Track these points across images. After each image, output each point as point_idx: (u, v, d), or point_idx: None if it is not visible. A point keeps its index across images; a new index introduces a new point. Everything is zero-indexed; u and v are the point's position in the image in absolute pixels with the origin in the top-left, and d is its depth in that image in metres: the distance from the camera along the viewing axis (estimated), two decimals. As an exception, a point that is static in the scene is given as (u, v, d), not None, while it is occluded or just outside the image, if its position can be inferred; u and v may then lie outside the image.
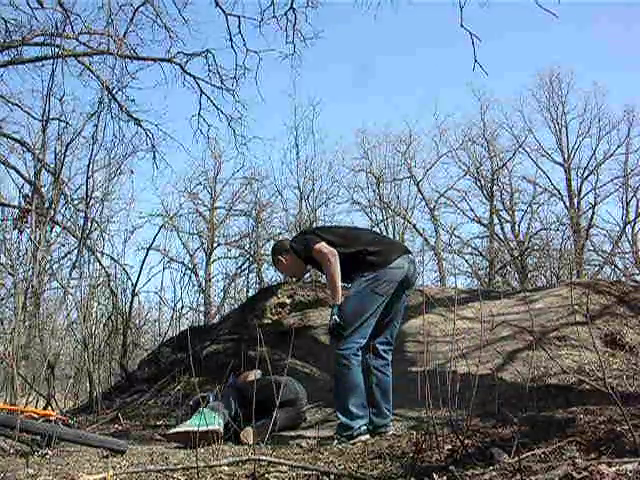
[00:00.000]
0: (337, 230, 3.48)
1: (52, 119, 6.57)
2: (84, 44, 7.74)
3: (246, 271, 16.43)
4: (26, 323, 5.81)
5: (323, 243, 3.16)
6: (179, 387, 5.16)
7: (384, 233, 16.95)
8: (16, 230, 6.73)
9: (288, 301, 6.68)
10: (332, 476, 1.90)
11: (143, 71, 8.75)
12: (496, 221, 20.30)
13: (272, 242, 17.75)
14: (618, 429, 1.91)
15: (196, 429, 2.84)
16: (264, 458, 2.06)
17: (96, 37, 7.81)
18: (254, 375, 3.77)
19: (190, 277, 14.57)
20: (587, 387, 3.65)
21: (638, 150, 19.19)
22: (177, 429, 3.29)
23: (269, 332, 5.65)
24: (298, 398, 3.68)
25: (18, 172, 7.81)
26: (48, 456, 2.65)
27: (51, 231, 6.83)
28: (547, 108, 20.76)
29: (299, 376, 4.33)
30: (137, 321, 8.47)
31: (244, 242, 17.80)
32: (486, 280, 17.82)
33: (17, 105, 8.06)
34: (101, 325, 6.51)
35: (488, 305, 5.48)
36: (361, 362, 3.08)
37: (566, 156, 20.27)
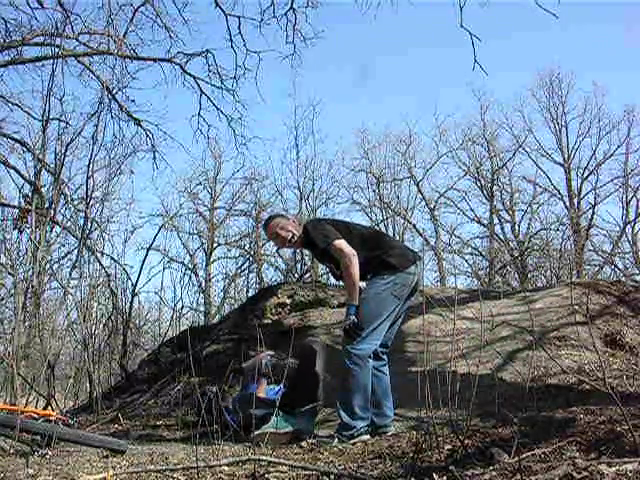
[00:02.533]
0: (355, 229, 3.36)
1: (52, 119, 6.57)
2: (84, 44, 7.74)
3: (246, 271, 16.45)
4: (26, 323, 5.81)
5: (344, 241, 3.10)
6: (179, 387, 5.16)
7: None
8: (16, 230, 6.75)
9: (288, 301, 6.67)
10: (332, 476, 1.90)
11: (143, 71, 8.74)
12: (496, 221, 20.34)
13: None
14: (618, 429, 1.91)
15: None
16: (264, 458, 2.06)
17: (96, 37, 7.82)
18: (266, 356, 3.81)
19: (190, 277, 14.58)
20: (587, 387, 3.64)
21: (638, 150, 19.22)
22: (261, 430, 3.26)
23: (269, 332, 5.64)
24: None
25: (18, 172, 7.80)
26: (48, 456, 2.64)
27: (51, 231, 6.83)
28: (547, 108, 20.81)
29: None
30: (137, 321, 8.48)
31: (244, 242, 17.84)
32: (486, 280, 17.82)
33: (17, 105, 8.06)
34: (101, 325, 6.50)
35: (488, 305, 5.48)
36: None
37: (566, 156, 20.28)
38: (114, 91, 7.78)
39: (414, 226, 19.60)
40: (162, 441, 3.67)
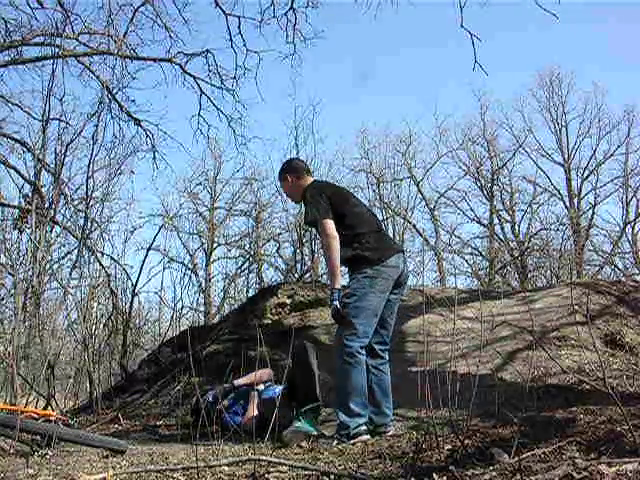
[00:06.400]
0: (351, 211, 3.29)
1: (52, 119, 6.56)
2: (84, 44, 7.72)
3: (246, 271, 16.46)
4: (26, 323, 5.80)
5: (330, 222, 3.11)
6: (179, 387, 5.15)
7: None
8: (16, 230, 6.74)
9: (288, 301, 6.67)
10: (332, 476, 1.90)
11: (143, 71, 8.67)
12: (496, 221, 20.34)
13: (273, 241, 17.80)
14: (618, 429, 1.91)
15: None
16: (264, 458, 2.06)
17: (96, 37, 7.81)
18: (268, 375, 3.79)
19: (190, 277, 14.55)
20: (587, 387, 3.64)
21: (638, 150, 19.26)
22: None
23: (269, 332, 5.64)
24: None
25: (18, 172, 7.79)
26: (48, 456, 2.65)
27: (51, 231, 6.83)
28: (547, 108, 20.84)
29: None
30: (137, 321, 8.45)
31: (244, 242, 17.85)
32: (486, 280, 17.83)
33: (17, 105, 8.04)
34: (101, 325, 6.49)
35: (488, 305, 5.48)
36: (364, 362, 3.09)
37: (566, 156, 20.31)
38: (114, 91, 7.78)
39: (414, 226, 19.61)
40: (162, 441, 3.67)
